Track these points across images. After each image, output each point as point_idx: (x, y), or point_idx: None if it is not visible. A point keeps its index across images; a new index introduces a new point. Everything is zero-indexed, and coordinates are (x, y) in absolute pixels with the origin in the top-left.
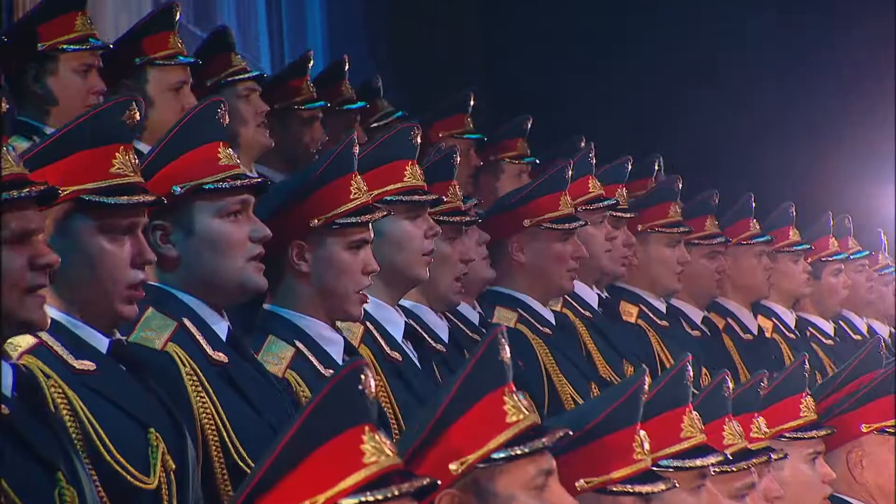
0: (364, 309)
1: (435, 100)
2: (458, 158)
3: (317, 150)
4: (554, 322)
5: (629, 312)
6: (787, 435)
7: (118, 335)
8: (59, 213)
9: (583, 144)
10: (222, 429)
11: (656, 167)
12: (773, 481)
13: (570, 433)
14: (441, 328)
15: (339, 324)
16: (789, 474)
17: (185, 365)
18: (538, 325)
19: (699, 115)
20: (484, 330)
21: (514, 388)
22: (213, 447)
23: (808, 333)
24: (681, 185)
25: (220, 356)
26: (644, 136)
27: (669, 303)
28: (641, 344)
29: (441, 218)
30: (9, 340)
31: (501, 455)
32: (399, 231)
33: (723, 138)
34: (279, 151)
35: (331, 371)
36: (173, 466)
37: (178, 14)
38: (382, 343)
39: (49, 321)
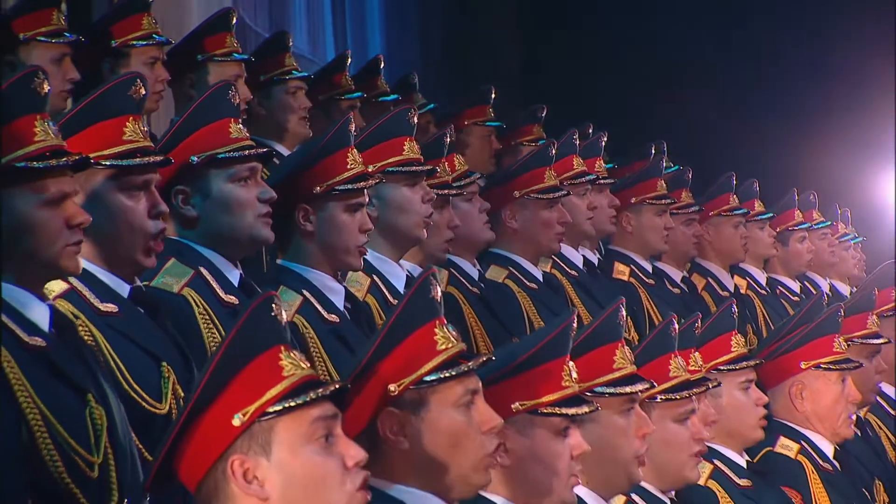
0: (371, 264)
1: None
2: (449, 139)
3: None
4: (541, 279)
5: (622, 272)
6: (721, 367)
7: (138, 282)
8: (82, 177)
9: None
10: None
11: (652, 151)
12: (710, 406)
13: (493, 358)
14: (402, 281)
15: (350, 275)
16: (726, 401)
17: (198, 306)
18: (525, 281)
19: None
20: (482, 284)
21: (444, 322)
22: None
23: (778, 291)
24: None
25: (232, 299)
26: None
27: (654, 264)
28: (631, 298)
29: (432, 188)
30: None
31: (433, 377)
32: (400, 197)
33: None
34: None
35: (333, 316)
36: (182, 394)
37: (234, 18)
38: (386, 292)
39: (81, 269)
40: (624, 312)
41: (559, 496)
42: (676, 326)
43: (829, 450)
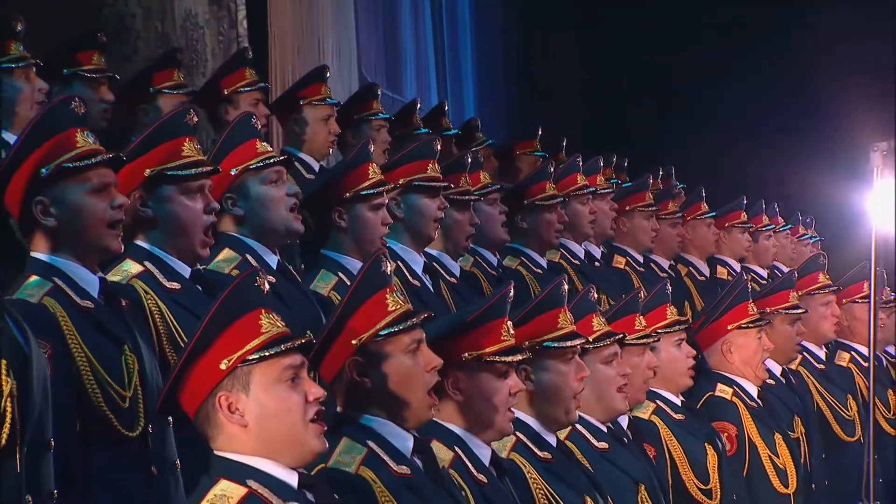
0: (396, 252)
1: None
2: (469, 159)
3: None
4: (546, 266)
5: (619, 262)
6: (659, 330)
7: (198, 266)
8: (154, 185)
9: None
10: None
11: (660, 172)
12: (653, 357)
13: (433, 314)
14: (454, 267)
15: None
16: (664, 355)
17: None
18: (533, 268)
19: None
20: (500, 269)
21: (394, 289)
22: None
23: (749, 277)
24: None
25: (270, 279)
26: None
27: (646, 256)
28: (624, 284)
29: (454, 197)
30: (121, 267)
31: (385, 332)
32: (421, 204)
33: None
34: None
35: None
36: None
37: (328, 73)
38: (407, 274)
39: (122, 248)
40: (566, 287)
41: (499, 426)
42: (595, 294)
43: (754, 391)
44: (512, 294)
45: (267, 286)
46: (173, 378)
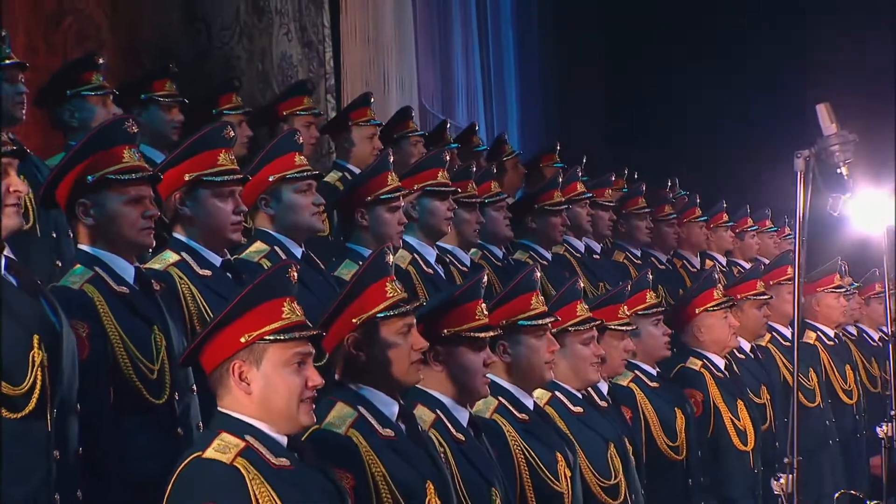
0: (413, 246)
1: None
2: (475, 169)
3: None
4: (551, 259)
5: (618, 256)
6: (639, 312)
7: (228, 255)
8: (190, 188)
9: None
10: None
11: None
12: (630, 342)
13: (424, 303)
14: (465, 258)
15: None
16: (643, 333)
17: None
18: (540, 260)
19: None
20: (506, 261)
21: (394, 278)
22: None
23: (736, 270)
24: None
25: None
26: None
27: (646, 251)
28: (622, 275)
29: (463, 200)
30: (162, 256)
31: (382, 315)
32: (432, 206)
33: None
34: None
35: None
36: None
37: (371, 99)
38: (422, 265)
39: (154, 244)
40: (538, 274)
41: (476, 391)
42: (581, 284)
43: (721, 364)
44: (485, 280)
45: (296, 277)
46: (200, 339)
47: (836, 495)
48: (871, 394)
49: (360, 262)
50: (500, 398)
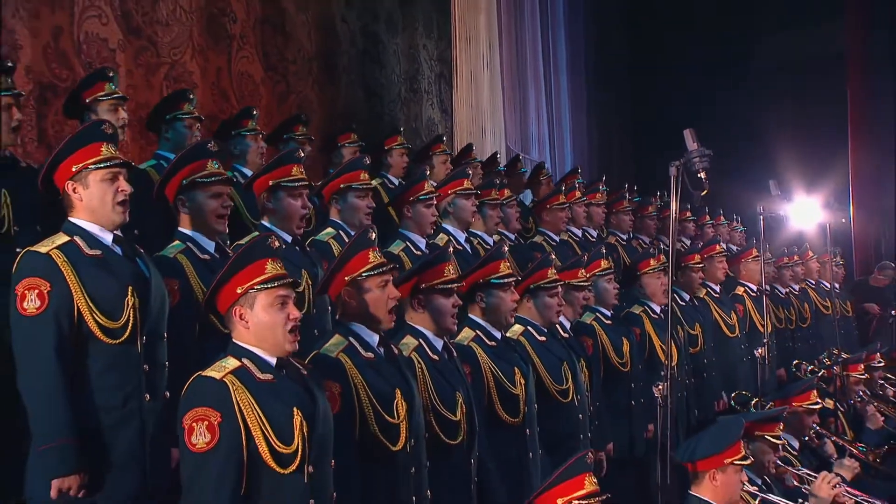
0: (450, 231)
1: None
2: (498, 181)
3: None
4: (558, 241)
5: (611, 240)
6: (596, 273)
7: (299, 234)
8: (274, 189)
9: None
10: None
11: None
12: (589, 294)
13: (395, 266)
14: (489, 240)
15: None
16: (601, 288)
17: None
18: (550, 243)
19: None
20: (523, 241)
21: (377, 249)
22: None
23: (681, 246)
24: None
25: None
26: None
27: (635, 235)
28: (612, 252)
29: (488, 201)
30: (252, 235)
31: (367, 273)
32: (462, 204)
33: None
34: None
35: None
36: None
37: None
38: (455, 244)
39: (227, 229)
40: (505, 248)
41: (447, 326)
42: (554, 257)
43: (657, 309)
44: (451, 250)
45: (276, 244)
46: (210, 292)
47: (733, 395)
48: (779, 328)
49: (406, 242)
50: (477, 331)
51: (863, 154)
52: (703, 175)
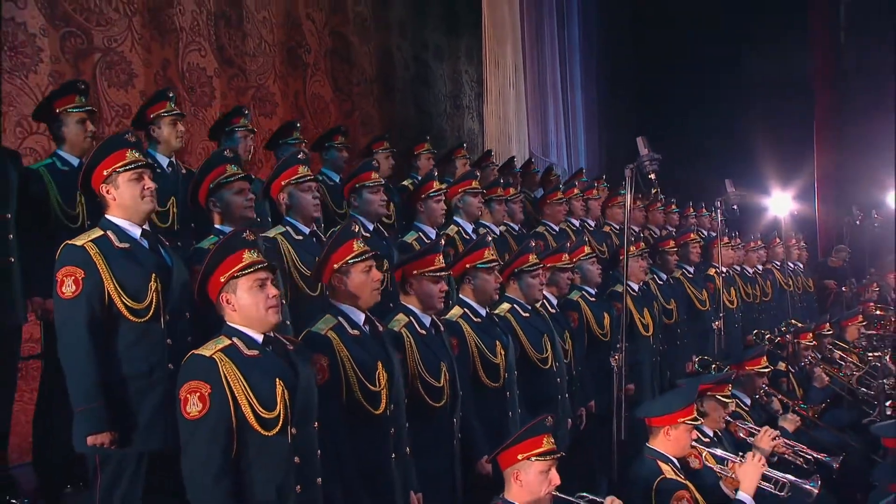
0: (459, 224)
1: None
2: (503, 180)
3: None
4: (559, 230)
5: (606, 229)
6: (581, 257)
7: (316, 230)
8: (288, 188)
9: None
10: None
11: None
12: (574, 275)
13: (379, 252)
14: (496, 230)
15: (450, 228)
16: (585, 269)
17: (284, 243)
18: (551, 232)
19: None
20: (524, 231)
21: (360, 239)
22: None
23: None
24: None
25: (301, 238)
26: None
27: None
28: (607, 239)
29: (495, 197)
30: (273, 229)
31: (352, 260)
32: (471, 201)
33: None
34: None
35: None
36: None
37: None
38: (464, 234)
39: (255, 216)
40: (489, 238)
41: (434, 306)
42: (534, 243)
43: (636, 287)
44: (443, 243)
45: (252, 237)
46: (198, 284)
47: (697, 359)
48: (746, 302)
49: (419, 233)
50: (465, 309)
51: (825, 155)
52: (652, 176)
